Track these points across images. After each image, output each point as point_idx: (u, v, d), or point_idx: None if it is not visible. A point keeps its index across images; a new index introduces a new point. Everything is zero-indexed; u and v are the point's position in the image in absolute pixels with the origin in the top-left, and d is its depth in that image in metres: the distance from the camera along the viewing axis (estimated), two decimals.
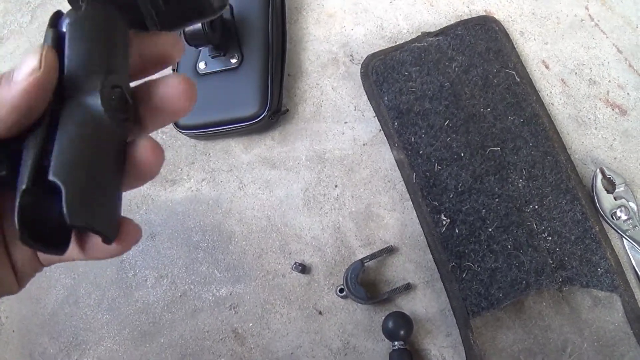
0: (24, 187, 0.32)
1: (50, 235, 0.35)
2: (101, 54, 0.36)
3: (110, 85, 0.35)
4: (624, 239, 0.76)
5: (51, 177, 0.32)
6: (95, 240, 0.38)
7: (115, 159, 0.36)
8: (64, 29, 0.36)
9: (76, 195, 0.32)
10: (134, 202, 0.93)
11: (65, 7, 0.40)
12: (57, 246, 0.35)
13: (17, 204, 0.32)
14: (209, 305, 0.86)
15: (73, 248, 0.40)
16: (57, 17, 0.37)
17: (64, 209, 0.31)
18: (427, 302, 0.80)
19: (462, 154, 0.80)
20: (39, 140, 0.34)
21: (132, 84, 0.39)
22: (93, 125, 0.34)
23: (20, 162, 0.34)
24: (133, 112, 0.38)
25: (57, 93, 0.35)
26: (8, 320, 0.93)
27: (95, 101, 0.34)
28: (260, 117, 0.86)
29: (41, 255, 0.42)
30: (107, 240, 0.34)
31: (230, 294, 0.86)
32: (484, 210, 0.78)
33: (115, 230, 0.35)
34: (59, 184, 0.31)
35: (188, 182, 0.92)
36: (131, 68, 0.39)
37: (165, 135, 0.96)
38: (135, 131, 0.39)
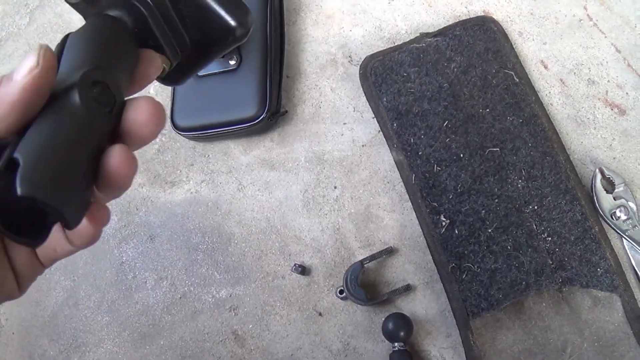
0: None
1: (26, 222, 0.34)
2: (90, 53, 0.38)
3: (90, 76, 0.36)
4: (623, 239, 0.76)
5: (14, 154, 0.32)
6: (77, 230, 0.38)
7: (88, 147, 0.36)
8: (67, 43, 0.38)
9: (33, 169, 0.31)
10: (133, 204, 0.93)
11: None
12: (35, 236, 0.35)
13: None
14: (209, 307, 0.86)
15: (59, 239, 0.41)
16: (67, 38, 0.39)
17: (17, 180, 0.30)
18: (426, 303, 0.80)
19: (462, 155, 0.80)
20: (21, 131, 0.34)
21: None
22: (66, 110, 0.34)
23: None
24: (117, 107, 0.38)
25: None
26: (8, 322, 0.93)
27: (72, 91, 0.35)
28: (259, 119, 0.86)
29: (41, 255, 0.42)
30: (66, 222, 0.33)
31: (230, 296, 0.86)
32: (483, 211, 0.78)
33: (78, 217, 0.35)
34: (19, 159, 0.31)
35: (187, 183, 0.92)
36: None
37: (164, 137, 0.96)
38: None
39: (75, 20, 1.03)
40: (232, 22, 0.45)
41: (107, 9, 0.42)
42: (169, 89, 0.94)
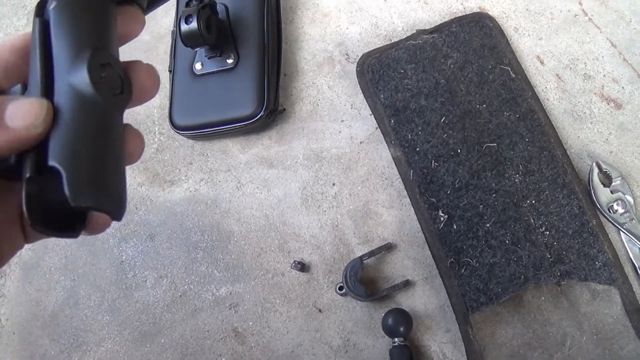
0: (27, 175, 0.32)
1: (64, 218, 0.35)
2: (86, 33, 0.36)
3: (97, 62, 0.35)
4: (621, 232, 0.77)
5: (51, 163, 0.32)
6: (95, 218, 0.39)
7: (113, 134, 0.36)
8: (50, 14, 0.36)
9: (77, 177, 0.32)
10: (133, 203, 0.94)
11: None
12: (73, 229, 0.36)
13: (23, 193, 0.32)
14: (209, 305, 0.86)
15: None
16: (42, 4, 0.37)
17: (67, 193, 0.31)
18: (426, 298, 0.80)
19: (459, 150, 0.81)
20: None
21: None
22: (85, 105, 0.34)
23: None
24: (127, 85, 0.38)
25: (47, 79, 0.35)
26: (8, 322, 0.93)
27: (84, 81, 0.34)
28: (257, 117, 0.86)
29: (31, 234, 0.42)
30: (116, 217, 0.34)
31: (230, 294, 0.86)
32: (481, 206, 0.78)
33: (121, 206, 0.35)
34: (58, 168, 0.32)
35: (186, 182, 0.93)
36: None
37: (162, 136, 0.96)
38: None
39: None
40: None
41: None
42: (167, 89, 0.94)
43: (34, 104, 0.33)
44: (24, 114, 0.33)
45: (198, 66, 0.90)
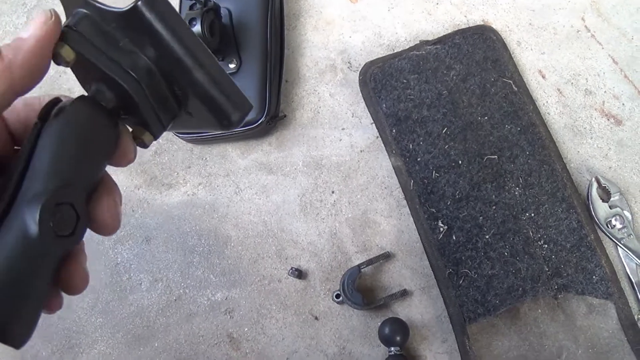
0: None
1: None
2: (62, 167, 0.37)
3: (55, 202, 0.35)
4: (618, 247, 0.77)
5: None
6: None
7: (41, 271, 0.35)
8: (44, 130, 0.37)
9: None
10: (129, 205, 0.93)
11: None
12: None
13: None
14: (204, 310, 0.86)
15: None
16: (51, 105, 0.38)
17: None
18: (423, 308, 0.80)
19: (460, 162, 0.81)
20: None
21: None
22: (25, 239, 0.34)
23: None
24: (82, 226, 0.38)
25: (13, 191, 0.35)
26: None
27: (33, 220, 0.34)
28: (258, 123, 0.86)
29: None
30: (12, 346, 0.34)
31: (226, 299, 0.86)
32: (481, 218, 0.79)
33: (22, 341, 0.35)
34: None
35: (184, 186, 0.92)
36: None
37: (162, 139, 0.95)
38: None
39: None
40: (234, 115, 0.42)
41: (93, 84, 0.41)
42: None
43: (38, 15, 0.37)
44: (36, 17, 0.36)
45: None
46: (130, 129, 0.43)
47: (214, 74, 0.41)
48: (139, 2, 0.37)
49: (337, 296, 0.80)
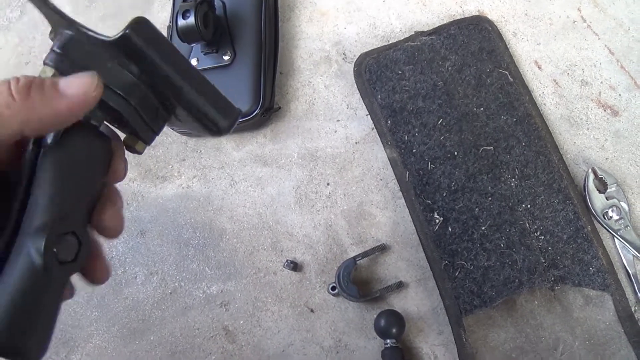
0: None
1: None
2: (63, 194, 0.38)
3: (57, 233, 0.36)
4: (615, 238, 0.77)
5: None
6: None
7: (46, 297, 0.36)
8: (39, 159, 0.38)
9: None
10: (124, 199, 0.92)
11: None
12: None
13: None
14: (200, 303, 0.85)
15: None
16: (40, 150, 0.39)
17: None
18: (419, 300, 0.80)
19: (456, 153, 0.80)
20: None
21: None
22: (29, 269, 0.35)
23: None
24: (83, 252, 0.39)
25: (15, 222, 0.37)
26: None
27: (38, 251, 0.35)
28: (253, 115, 0.86)
29: None
30: None
31: (221, 292, 0.85)
32: (477, 209, 0.78)
33: (40, 355, 0.36)
34: None
35: (179, 179, 0.92)
36: None
37: None
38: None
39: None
40: (222, 123, 0.45)
41: None
42: None
43: (85, 76, 0.37)
44: (81, 80, 0.37)
45: (194, 62, 0.89)
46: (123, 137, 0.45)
47: (201, 89, 0.44)
48: (127, 31, 0.39)
49: (333, 288, 0.80)
